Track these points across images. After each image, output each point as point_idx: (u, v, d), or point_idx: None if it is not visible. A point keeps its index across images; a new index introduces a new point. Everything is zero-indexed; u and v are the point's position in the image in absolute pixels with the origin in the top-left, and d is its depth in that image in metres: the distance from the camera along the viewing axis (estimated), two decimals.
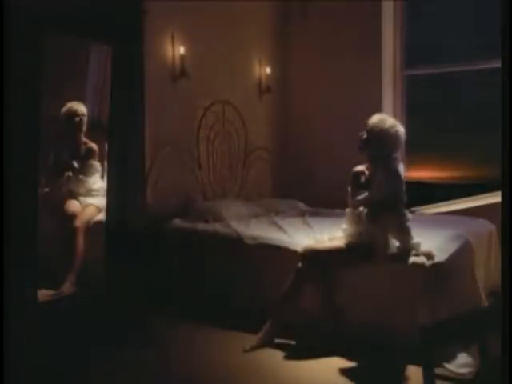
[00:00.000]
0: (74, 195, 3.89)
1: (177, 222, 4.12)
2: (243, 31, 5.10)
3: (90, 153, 3.98)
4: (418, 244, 3.15)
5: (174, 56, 4.38)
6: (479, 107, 5.03)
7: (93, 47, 3.83)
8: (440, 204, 5.03)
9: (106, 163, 3.65)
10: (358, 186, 3.20)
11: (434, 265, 3.05)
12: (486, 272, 3.76)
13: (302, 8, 5.50)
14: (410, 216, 3.19)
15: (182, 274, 3.89)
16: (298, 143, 5.57)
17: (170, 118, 4.38)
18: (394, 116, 4.95)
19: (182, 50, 4.38)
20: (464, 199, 4.95)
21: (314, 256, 3.22)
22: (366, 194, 3.15)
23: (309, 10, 5.48)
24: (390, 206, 3.10)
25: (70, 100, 3.87)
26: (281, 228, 3.86)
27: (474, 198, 4.90)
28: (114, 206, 3.44)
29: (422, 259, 3.08)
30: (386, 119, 3.20)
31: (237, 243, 3.72)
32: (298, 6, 5.52)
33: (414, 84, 5.39)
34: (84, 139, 4.00)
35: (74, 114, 3.88)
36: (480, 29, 4.95)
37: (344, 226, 3.26)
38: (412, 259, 3.10)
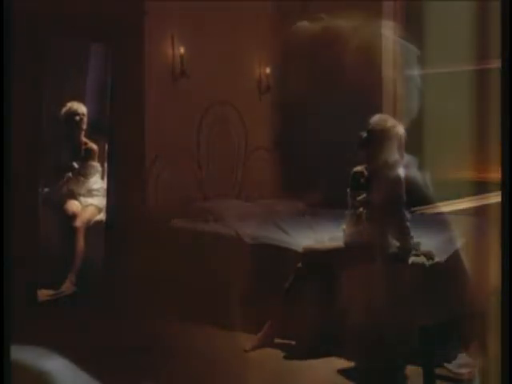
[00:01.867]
0: (75, 195, 3.89)
1: (177, 221, 4.12)
2: (243, 31, 5.09)
3: (90, 153, 3.98)
4: (418, 244, 3.15)
5: (173, 56, 4.37)
6: (477, 107, 5.02)
7: (93, 47, 3.82)
8: (440, 204, 5.02)
9: (106, 163, 3.66)
10: (358, 187, 3.20)
11: (433, 265, 3.05)
12: (486, 272, 3.76)
13: (302, 8, 5.50)
14: (409, 216, 3.19)
15: (182, 273, 3.88)
16: (298, 143, 5.57)
17: (170, 118, 4.38)
18: (395, 116, 4.94)
19: (182, 50, 4.38)
20: (464, 199, 4.95)
21: (314, 256, 3.22)
22: (366, 194, 3.15)
23: (309, 10, 5.48)
24: (389, 206, 3.10)
25: (70, 100, 3.87)
26: (281, 228, 3.86)
27: (473, 197, 4.90)
28: (114, 206, 3.45)
29: (421, 259, 3.08)
30: (387, 119, 3.21)
31: (237, 243, 3.72)
32: (298, 6, 5.52)
33: (414, 84, 5.38)
34: (84, 139, 4.00)
35: (74, 113, 3.88)
36: (479, 29, 4.95)
37: (344, 226, 3.27)
38: (412, 259, 3.10)
